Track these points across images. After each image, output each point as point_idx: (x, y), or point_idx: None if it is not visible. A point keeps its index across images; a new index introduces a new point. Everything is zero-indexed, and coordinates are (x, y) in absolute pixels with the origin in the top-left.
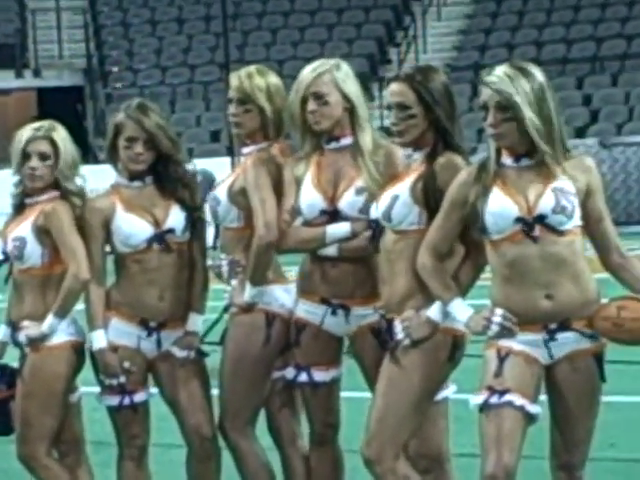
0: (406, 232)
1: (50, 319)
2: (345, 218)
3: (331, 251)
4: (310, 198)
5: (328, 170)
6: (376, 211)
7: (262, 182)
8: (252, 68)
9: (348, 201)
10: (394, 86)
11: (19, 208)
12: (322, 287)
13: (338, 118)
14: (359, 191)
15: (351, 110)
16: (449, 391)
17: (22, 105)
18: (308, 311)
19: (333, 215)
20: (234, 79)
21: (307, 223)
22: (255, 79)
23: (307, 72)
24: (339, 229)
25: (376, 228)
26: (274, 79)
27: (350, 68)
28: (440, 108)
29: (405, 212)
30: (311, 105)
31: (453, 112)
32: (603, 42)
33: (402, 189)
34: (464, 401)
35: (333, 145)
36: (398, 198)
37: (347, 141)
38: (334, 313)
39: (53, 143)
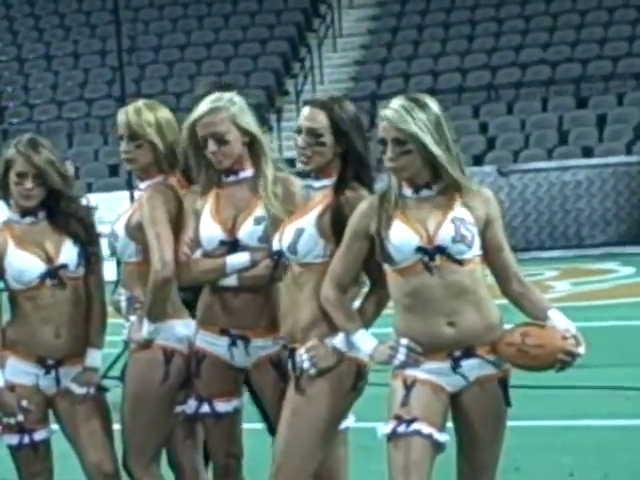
0: (311, 265)
1: None
2: (245, 248)
3: (231, 281)
4: (209, 229)
5: (227, 201)
6: (279, 243)
7: (157, 216)
8: (140, 103)
9: (247, 231)
10: (308, 110)
11: None
12: (222, 318)
13: (238, 154)
14: (258, 220)
15: (250, 143)
16: (349, 421)
17: None
18: (208, 342)
19: (233, 245)
20: (122, 115)
21: (207, 254)
22: (144, 114)
23: (202, 110)
24: (239, 259)
25: (278, 258)
26: (164, 113)
27: (244, 100)
28: (355, 139)
29: (311, 245)
30: (211, 146)
31: (365, 144)
32: (498, 70)
33: (307, 222)
34: (369, 429)
35: (232, 178)
36: (303, 231)
37: (246, 174)
38: (234, 344)
39: None
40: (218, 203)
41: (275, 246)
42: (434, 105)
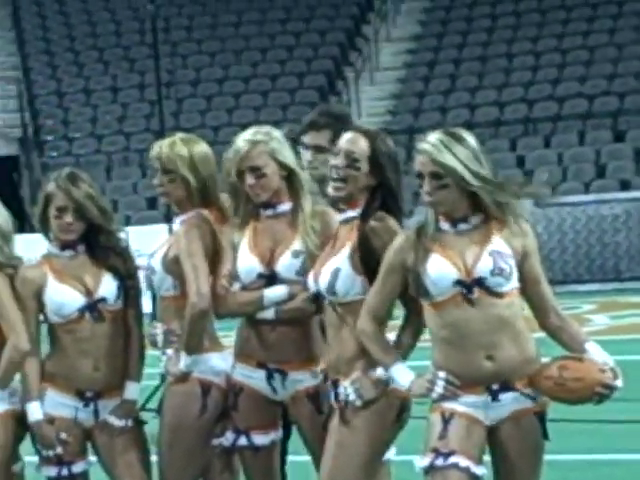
0: (352, 303)
1: None
2: (282, 281)
3: (268, 314)
4: (247, 262)
5: (264, 235)
6: (315, 284)
7: (194, 249)
8: (176, 137)
9: (285, 264)
10: (351, 135)
11: None
12: (259, 351)
13: (276, 187)
14: (296, 254)
15: (288, 177)
16: (390, 453)
17: None
18: (245, 375)
19: (270, 279)
20: (156, 149)
21: (245, 288)
22: (177, 148)
23: (241, 143)
24: (276, 292)
25: (316, 299)
26: (199, 147)
27: (283, 135)
28: (390, 173)
29: (349, 284)
30: (249, 179)
31: (399, 181)
32: (535, 104)
33: (341, 261)
34: (407, 462)
35: (270, 212)
36: (340, 271)
37: (284, 207)
38: (271, 377)
39: None
40: (256, 236)
41: (311, 287)
42: (471, 139)
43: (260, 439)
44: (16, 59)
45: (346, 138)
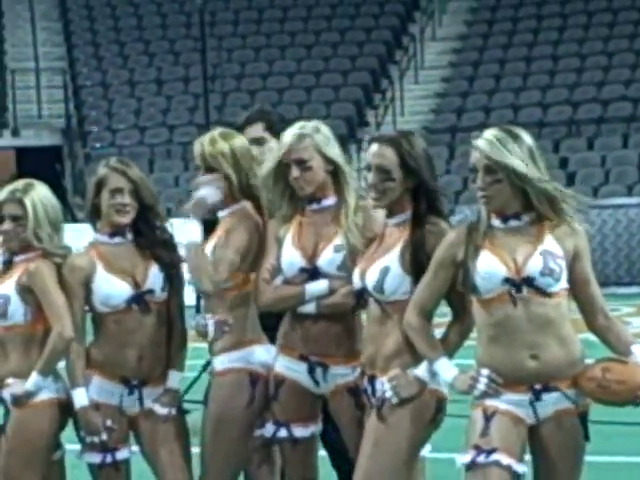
0: (398, 301)
1: (34, 377)
2: (324, 276)
3: (310, 308)
4: (290, 256)
5: (308, 229)
6: (361, 282)
7: (236, 241)
8: (216, 133)
9: (327, 259)
10: (376, 148)
11: (7, 265)
12: (301, 344)
13: (321, 181)
14: (338, 249)
15: (334, 172)
16: (425, 450)
17: (1, 164)
18: (287, 367)
19: (312, 273)
20: (197, 146)
21: (287, 281)
22: (218, 144)
23: (287, 137)
24: (318, 287)
25: (360, 295)
26: (239, 141)
27: (329, 129)
28: (424, 173)
29: (398, 283)
30: (294, 172)
31: (434, 176)
32: (579, 106)
33: (391, 260)
34: (446, 460)
35: (314, 207)
36: (389, 270)
37: (329, 202)
38: (313, 370)
39: (23, 205)
40: (300, 231)
41: (356, 284)
42: (527, 137)
43: (300, 431)
44: (62, 50)
45: (373, 152)
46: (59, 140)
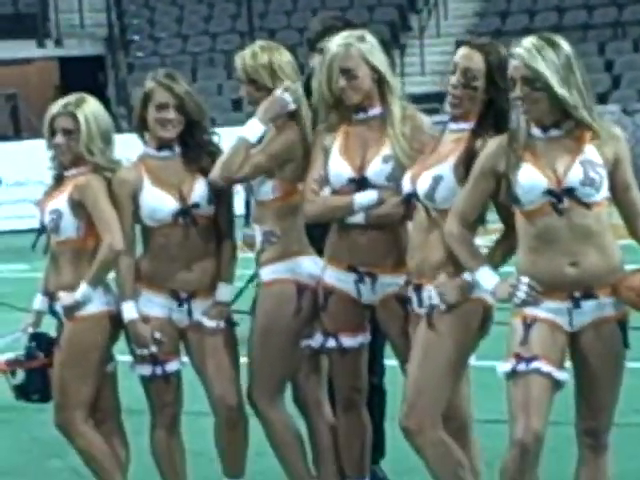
0: (447, 210)
1: (84, 287)
2: (373, 186)
3: (359, 219)
4: (338, 167)
5: (355, 140)
6: (411, 186)
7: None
8: (257, 46)
9: (375, 169)
10: (466, 50)
11: (58, 180)
12: (349, 255)
13: (367, 90)
14: (386, 159)
15: (379, 81)
16: (471, 359)
17: (44, 75)
18: (336, 277)
19: (361, 183)
20: (238, 60)
21: (335, 192)
22: (258, 58)
23: (333, 46)
24: (367, 197)
25: (409, 201)
26: (279, 55)
27: (375, 38)
28: (502, 90)
29: (449, 193)
30: (341, 81)
31: (508, 95)
32: (625, 7)
33: (445, 169)
34: (489, 368)
35: (361, 116)
36: (442, 179)
37: (375, 111)
38: (361, 281)
39: (76, 119)
40: (347, 141)
41: (406, 188)
42: (566, 45)
43: (348, 341)
44: None
45: (461, 54)
46: (102, 49)
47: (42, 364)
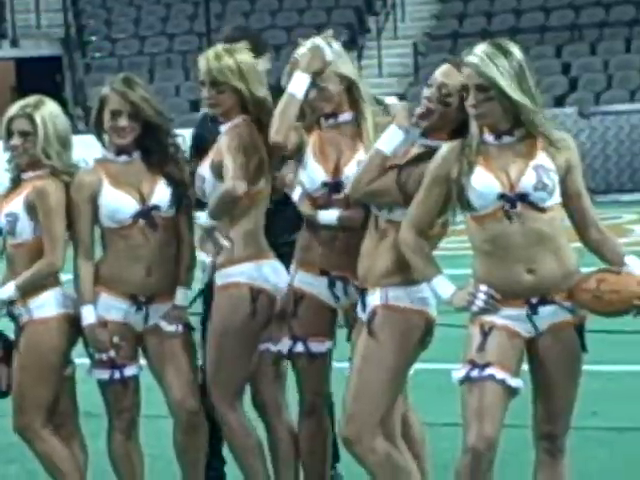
0: (396, 221)
1: (10, 289)
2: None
3: (331, 219)
4: (312, 171)
5: (328, 144)
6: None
7: (233, 146)
8: (220, 48)
9: (350, 173)
10: (447, 68)
11: (15, 183)
12: (321, 259)
13: (337, 98)
14: (360, 163)
15: (348, 87)
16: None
17: (0, 75)
18: (307, 282)
19: (334, 187)
20: (202, 61)
21: (308, 195)
22: (224, 59)
23: (299, 57)
24: (328, 216)
25: (368, 210)
26: (244, 56)
27: (340, 45)
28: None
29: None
30: (311, 93)
31: None
32: (581, 10)
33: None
34: (446, 371)
35: (331, 122)
36: None
37: (345, 117)
38: (333, 285)
39: (33, 121)
40: (321, 145)
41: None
42: (517, 52)
43: (317, 347)
44: None
45: (441, 70)
46: (58, 50)
47: None
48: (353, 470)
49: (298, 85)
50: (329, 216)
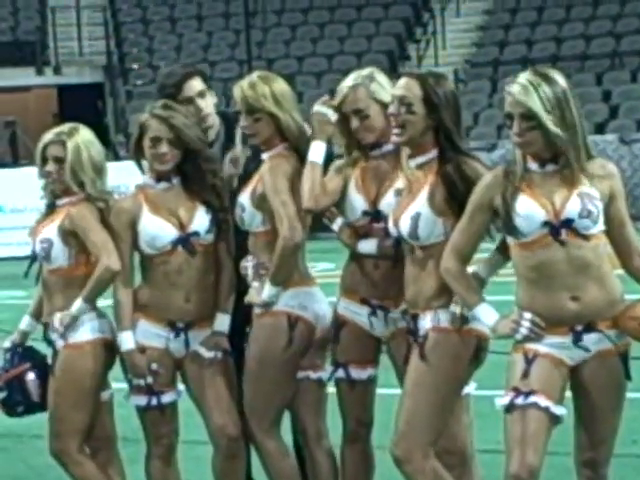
0: (434, 245)
1: (79, 303)
2: (385, 219)
3: (371, 249)
4: (353, 201)
5: (371, 174)
6: (396, 230)
7: (280, 185)
8: (255, 76)
9: (388, 202)
10: (402, 80)
11: (50, 209)
12: (363, 288)
13: (381, 128)
14: (398, 193)
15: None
16: (470, 388)
17: (42, 102)
18: (349, 309)
19: (374, 216)
20: (237, 91)
21: (349, 224)
22: (258, 87)
23: (343, 88)
24: (368, 246)
25: (398, 243)
26: (278, 84)
27: (384, 76)
28: (446, 112)
29: (430, 227)
30: (354, 122)
31: (459, 120)
32: (622, 38)
33: (420, 206)
34: (488, 397)
35: (376, 152)
36: (420, 216)
37: (389, 147)
38: (374, 314)
39: (66, 148)
40: (364, 175)
41: (393, 232)
42: (562, 80)
43: (357, 373)
44: None
45: (398, 85)
46: (100, 77)
47: (19, 372)
48: None
49: (317, 153)
50: (368, 245)
